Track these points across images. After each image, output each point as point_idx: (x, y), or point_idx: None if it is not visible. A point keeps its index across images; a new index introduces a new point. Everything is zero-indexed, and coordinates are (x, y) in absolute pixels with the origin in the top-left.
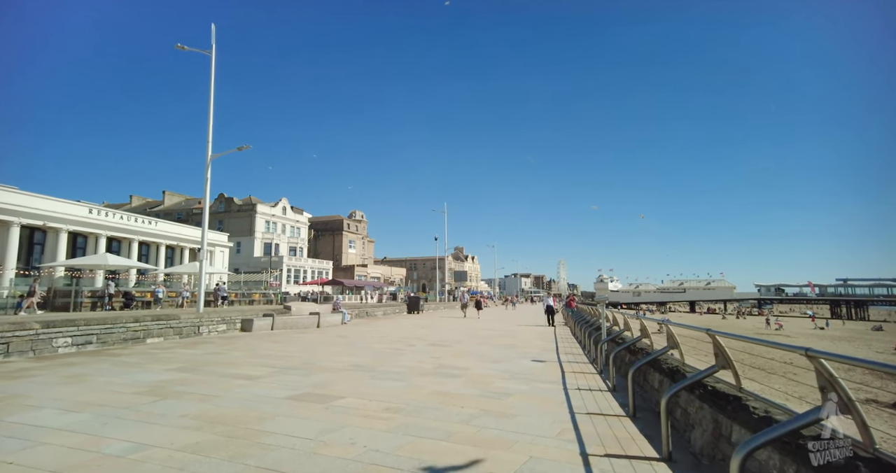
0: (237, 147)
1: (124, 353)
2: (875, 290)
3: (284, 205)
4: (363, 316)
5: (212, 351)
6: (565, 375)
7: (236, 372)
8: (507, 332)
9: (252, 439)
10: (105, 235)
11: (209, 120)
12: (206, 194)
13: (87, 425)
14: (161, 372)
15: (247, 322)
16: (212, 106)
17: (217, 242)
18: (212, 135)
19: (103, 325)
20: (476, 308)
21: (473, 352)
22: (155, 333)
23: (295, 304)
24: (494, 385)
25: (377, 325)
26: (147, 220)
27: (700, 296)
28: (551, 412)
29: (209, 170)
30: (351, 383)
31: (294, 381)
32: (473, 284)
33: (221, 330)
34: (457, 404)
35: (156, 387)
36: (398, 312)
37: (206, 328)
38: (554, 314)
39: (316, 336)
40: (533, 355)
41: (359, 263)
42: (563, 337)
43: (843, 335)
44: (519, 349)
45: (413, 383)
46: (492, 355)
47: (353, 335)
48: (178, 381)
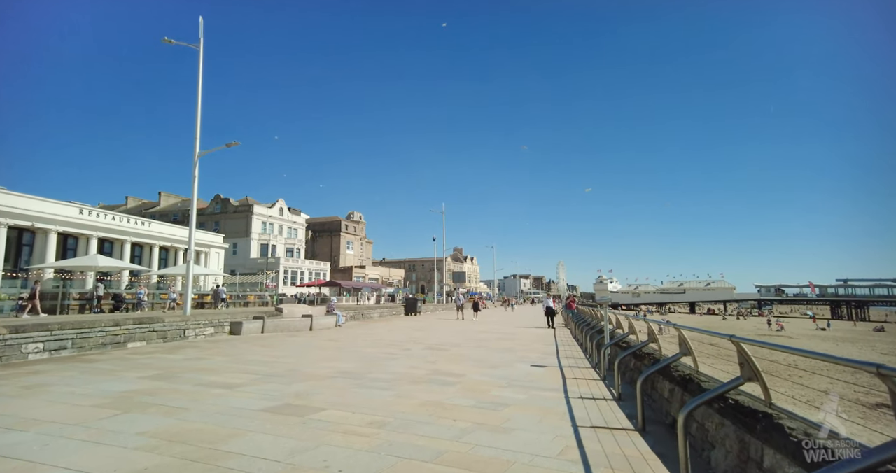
0: (226, 144)
1: (100, 359)
2: (875, 291)
3: (281, 205)
4: (358, 318)
5: (194, 357)
6: (567, 382)
7: (214, 379)
8: (506, 335)
9: (212, 462)
10: (96, 236)
11: (197, 115)
12: (193, 192)
13: (26, 447)
14: (133, 381)
15: (236, 325)
16: (199, 101)
17: (212, 243)
18: (199, 132)
19: (80, 329)
20: (474, 309)
21: (470, 357)
22: (137, 337)
23: (287, 306)
24: (491, 393)
25: (372, 328)
26: (140, 221)
27: (700, 297)
28: (552, 425)
29: (197, 167)
30: (335, 392)
31: (274, 390)
32: (472, 285)
33: (209, 334)
34: (449, 416)
35: (120, 399)
36: (395, 314)
37: (192, 331)
38: (554, 315)
39: (307, 339)
40: (532, 359)
41: (357, 264)
42: (564, 339)
43: (845, 336)
44: (518, 353)
45: (403, 392)
46: (489, 359)
47: (346, 338)
48: (148, 391)
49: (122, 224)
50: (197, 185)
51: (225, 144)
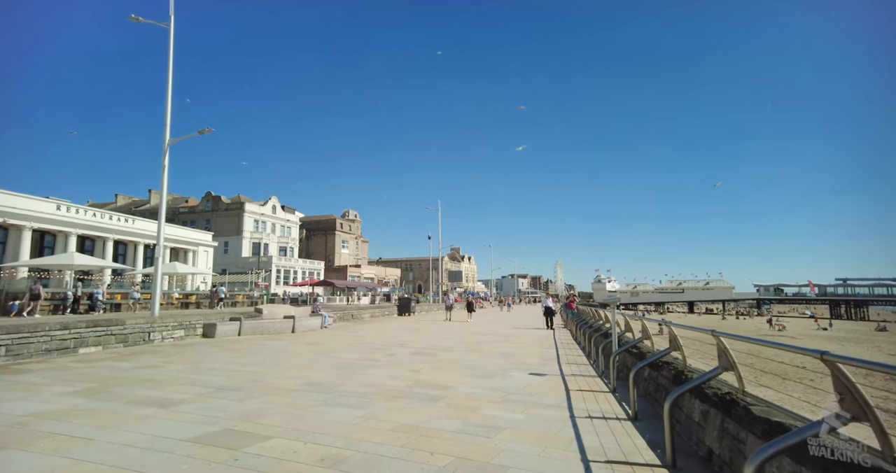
0: (198, 131)
1: (34, 369)
2: (875, 290)
3: (274, 203)
4: (348, 318)
5: (147, 364)
6: (570, 395)
7: (152, 395)
8: (503, 337)
9: None
10: (75, 233)
11: (167, 99)
12: (163, 183)
13: None
14: (49, 399)
15: (209, 327)
16: (170, 84)
17: (200, 241)
18: (170, 119)
19: (17, 335)
20: (468, 310)
21: (461, 363)
22: (91, 342)
23: (269, 307)
24: (481, 413)
25: (360, 329)
26: (124, 218)
27: (699, 297)
28: (556, 460)
29: (167, 156)
30: (293, 412)
31: (219, 410)
32: (470, 285)
33: (178, 337)
34: (426, 448)
35: (10, 427)
36: (388, 314)
37: (159, 334)
38: (553, 316)
39: (285, 343)
40: (531, 366)
41: (352, 264)
42: (564, 341)
43: (848, 336)
44: (514, 358)
45: (375, 411)
46: (483, 367)
47: (328, 341)
48: (58, 413)
49: (104, 221)
50: (167, 175)
51: (197, 131)
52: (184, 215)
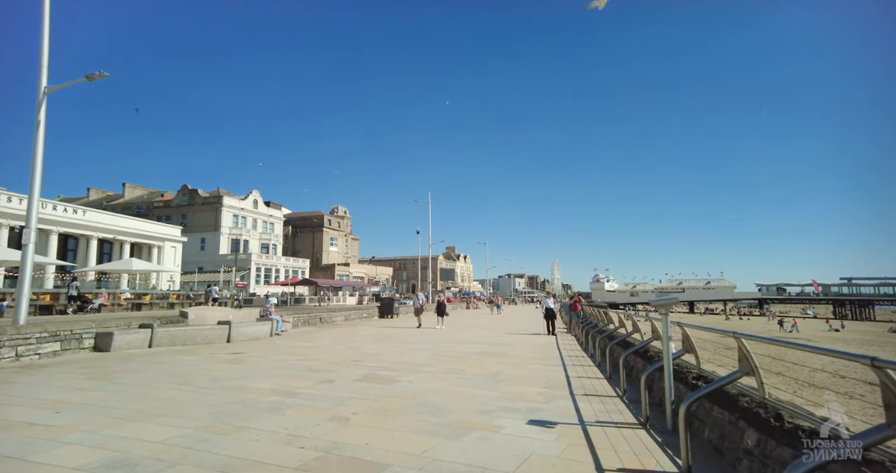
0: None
1: None
2: (881, 289)
3: (255, 197)
4: (314, 322)
5: None
6: None
7: None
8: (494, 347)
9: None
10: (7, 225)
11: (44, 29)
12: (36, 145)
13: None
14: None
15: (104, 337)
16: (47, 15)
17: (167, 236)
18: (48, 58)
19: None
20: (438, 314)
21: (423, 400)
22: None
23: (196, 310)
24: None
25: (320, 337)
26: (72, 209)
27: (700, 296)
28: None
29: (42, 109)
30: None
31: None
32: (465, 284)
33: (48, 352)
34: None
35: None
36: (366, 317)
37: (22, 348)
38: (554, 319)
39: (194, 360)
40: (530, 401)
41: (341, 262)
42: (570, 352)
43: (865, 338)
44: (506, 384)
45: None
46: (454, 407)
47: (257, 357)
48: None
49: (45, 211)
50: (42, 134)
51: (85, 75)
52: (158, 210)
